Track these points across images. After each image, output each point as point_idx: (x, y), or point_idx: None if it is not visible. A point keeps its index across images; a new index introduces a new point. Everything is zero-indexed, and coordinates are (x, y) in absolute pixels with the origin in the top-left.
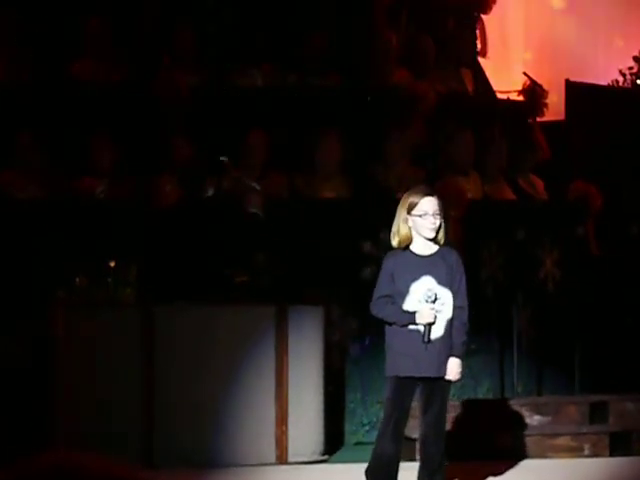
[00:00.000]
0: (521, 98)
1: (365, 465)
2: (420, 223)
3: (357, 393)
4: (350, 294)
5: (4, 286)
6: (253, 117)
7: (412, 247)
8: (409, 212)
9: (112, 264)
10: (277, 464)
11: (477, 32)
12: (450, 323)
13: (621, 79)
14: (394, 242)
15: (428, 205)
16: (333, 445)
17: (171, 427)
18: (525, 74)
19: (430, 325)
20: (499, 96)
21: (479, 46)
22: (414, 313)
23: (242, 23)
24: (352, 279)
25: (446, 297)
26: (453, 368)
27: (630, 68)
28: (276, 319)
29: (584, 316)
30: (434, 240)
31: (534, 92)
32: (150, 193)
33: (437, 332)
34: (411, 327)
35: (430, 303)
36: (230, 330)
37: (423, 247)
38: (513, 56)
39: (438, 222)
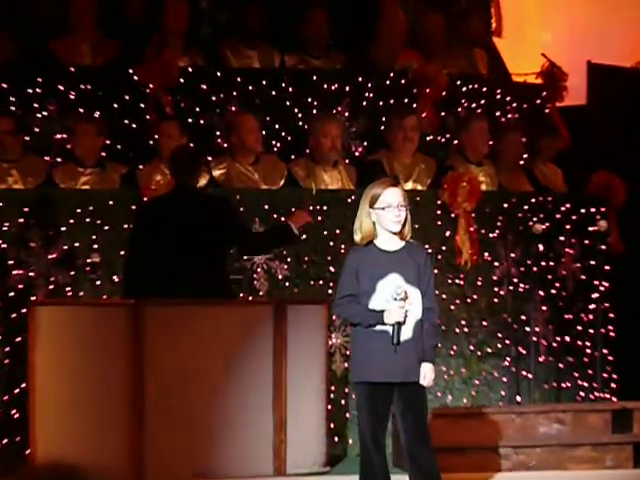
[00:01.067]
0: (539, 81)
1: None
2: (384, 216)
3: None
4: None
5: None
6: (248, 100)
7: (377, 242)
8: (372, 205)
9: (97, 259)
10: (275, 476)
11: (491, 10)
12: (419, 325)
13: None
14: (357, 238)
15: (392, 196)
16: (335, 456)
17: (162, 437)
18: (544, 55)
19: (399, 325)
20: (515, 79)
21: (494, 25)
22: (382, 312)
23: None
24: None
25: (414, 296)
26: (426, 373)
27: None
28: (274, 319)
29: (606, 317)
30: (400, 235)
31: (553, 75)
32: (138, 183)
33: (406, 334)
34: (378, 328)
35: (399, 301)
36: (224, 331)
37: (388, 242)
38: (531, 36)
39: (403, 215)
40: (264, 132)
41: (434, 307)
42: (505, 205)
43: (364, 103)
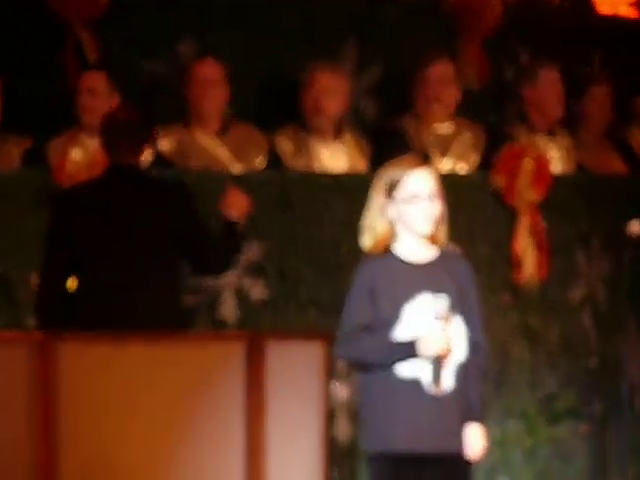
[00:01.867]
0: (635, 14)
1: None
2: (408, 212)
3: None
4: None
5: None
6: (212, 39)
7: (397, 250)
8: (389, 195)
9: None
10: None
11: None
12: (464, 370)
13: None
14: (367, 243)
15: (419, 183)
16: None
17: None
18: None
19: (441, 360)
20: (601, 10)
21: None
22: (413, 343)
23: None
24: None
25: (457, 327)
26: (474, 439)
27: None
28: (246, 360)
29: None
30: (431, 239)
31: None
32: (47, 161)
33: (445, 382)
34: (405, 375)
35: (441, 321)
36: (173, 378)
37: (415, 250)
38: None
39: (437, 210)
40: (233, 85)
41: (482, 342)
42: (588, 194)
43: (380, 45)
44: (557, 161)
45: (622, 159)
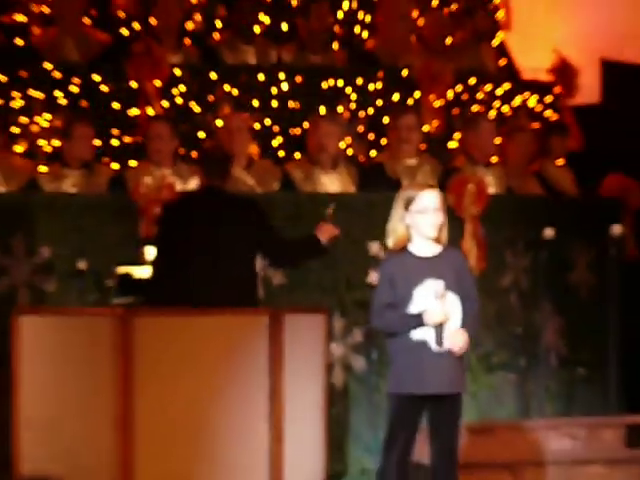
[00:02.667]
0: (551, 78)
1: None
2: (419, 220)
3: (362, 414)
4: (355, 302)
5: None
6: (243, 98)
7: (411, 248)
8: (407, 208)
9: (83, 267)
10: None
11: (499, 2)
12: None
13: None
14: (390, 242)
15: (428, 200)
16: (335, 473)
17: (152, 453)
18: (556, 51)
19: (441, 326)
20: (525, 76)
21: (502, 18)
22: (421, 314)
23: None
24: (357, 284)
25: (454, 303)
26: (456, 337)
27: None
28: (270, 329)
29: (622, 327)
30: (436, 240)
31: (565, 71)
32: (128, 185)
33: (447, 341)
34: (417, 338)
35: (439, 299)
36: (218, 341)
37: (424, 248)
38: (542, 31)
39: (440, 219)
40: (260, 132)
41: (476, 303)
42: (514, 209)
43: (366, 102)
44: (492, 185)
45: (539, 185)
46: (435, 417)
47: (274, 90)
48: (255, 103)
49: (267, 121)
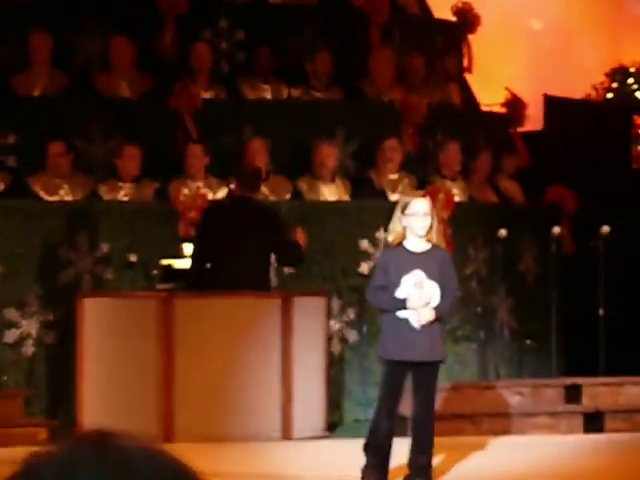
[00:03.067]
0: (503, 110)
1: (362, 440)
2: (412, 222)
3: (355, 376)
4: (349, 287)
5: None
6: (261, 127)
7: (405, 244)
8: (403, 212)
9: (134, 259)
10: (283, 440)
11: (464, 50)
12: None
13: (593, 93)
14: (389, 238)
15: (419, 206)
16: (333, 423)
17: (188, 405)
18: (507, 89)
19: (420, 309)
20: (483, 108)
21: (465, 63)
22: (404, 299)
23: (253, 42)
24: (351, 274)
25: (434, 289)
26: (425, 314)
27: (601, 83)
28: (282, 308)
29: (560, 306)
30: (426, 237)
31: (515, 105)
32: (169, 195)
33: (424, 320)
34: (401, 315)
35: (419, 289)
36: (242, 318)
37: (415, 244)
38: (496, 72)
39: (428, 222)
40: (272, 152)
41: (454, 291)
42: (475, 213)
43: (358, 129)
44: (457, 195)
45: (494, 194)
46: (416, 379)
47: (285, 120)
48: (270, 130)
49: (280, 143)
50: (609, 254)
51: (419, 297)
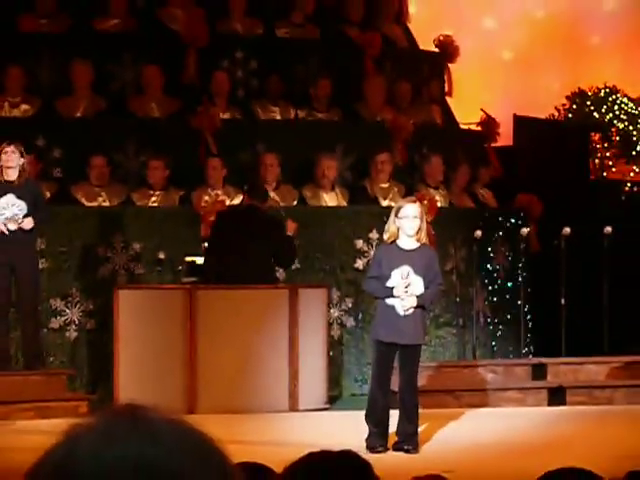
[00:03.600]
0: (479, 128)
1: (358, 412)
2: (403, 223)
3: (352, 356)
4: (347, 280)
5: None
6: (272, 143)
7: (398, 242)
8: (396, 215)
9: (162, 256)
10: (290, 411)
11: (445, 77)
12: (420, 307)
13: (556, 113)
14: (385, 237)
15: (410, 210)
16: (333, 397)
17: (209, 382)
18: (482, 110)
19: (405, 298)
20: (462, 127)
21: (446, 88)
22: (392, 288)
23: (264, 71)
24: (348, 268)
25: (418, 283)
26: (408, 301)
27: (563, 105)
28: (289, 298)
29: (527, 297)
30: (416, 237)
31: (489, 124)
32: (192, 202)
33: (409, 309)
34: (389, 303)
35: (406, 279)
36: (255, 306)
37: (406, 243)
38: (473, 96)
39: (417, 224)
40: (283, 166)
41: (441, 282)
42: (454, 217)
43: (354, 145)
44: (440, 201)
45: (471, 200)
46: (402, 359)
47: (292, 137)
48: (280, 146)
49: (288, 157)
50: (569, 252)
51: (403, 287)
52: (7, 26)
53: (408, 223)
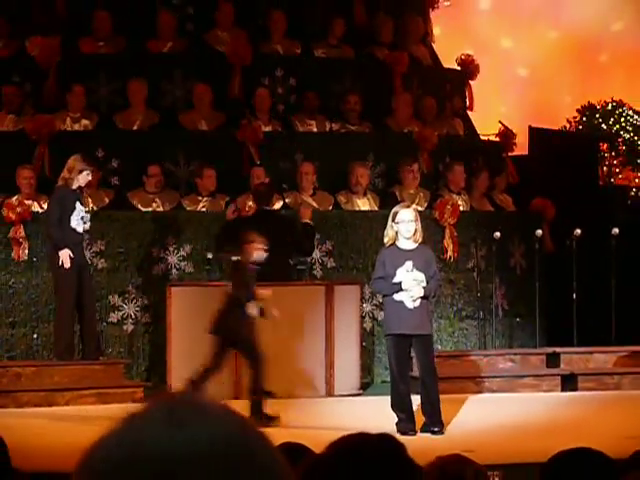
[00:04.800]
0: (497, 139)
1: (388, 397)
2: (400, 227)
3: (382, 346)
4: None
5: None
6: (309, 154)
7: (397, 244)
8: (393, 220)
9: (210, 255)
10: (326, 396)
11: (466, 92)
12: (424, 298)
13: (568, 125)
14: (385, 240)
15: (405, 215)
16: (366, 383)
17: None
18: (500, 122)
19: (411, 292)
20: (482, 138)
21: (468, 102)
22: (399, 283)
23: (302, 87)
24: None
25: (421, 277)
26: (415, 289)
27: (574, 117)
28: (326, 294)
29: (542, 292)
30: (413, 238)
31: (507, 135)
32: (237, 207)
33: (417, 301)
34: (397, 298)
35: (411, 273)
36: (296, 301)
37: (405, 244)
38: (492, 109)
39: (412, 227)
40: (319, 174)
41: (439, 278)
42: (475, 220)
43: (384, 154)
44: (462, 206)
45: (490, 205)
46: (416, 349)
47: (328, 147)
48: (317, 156)
49: (324, 166)
50: (580, 251)
51: (410, 279)
52: (70, 49)
53: (405, 226)
